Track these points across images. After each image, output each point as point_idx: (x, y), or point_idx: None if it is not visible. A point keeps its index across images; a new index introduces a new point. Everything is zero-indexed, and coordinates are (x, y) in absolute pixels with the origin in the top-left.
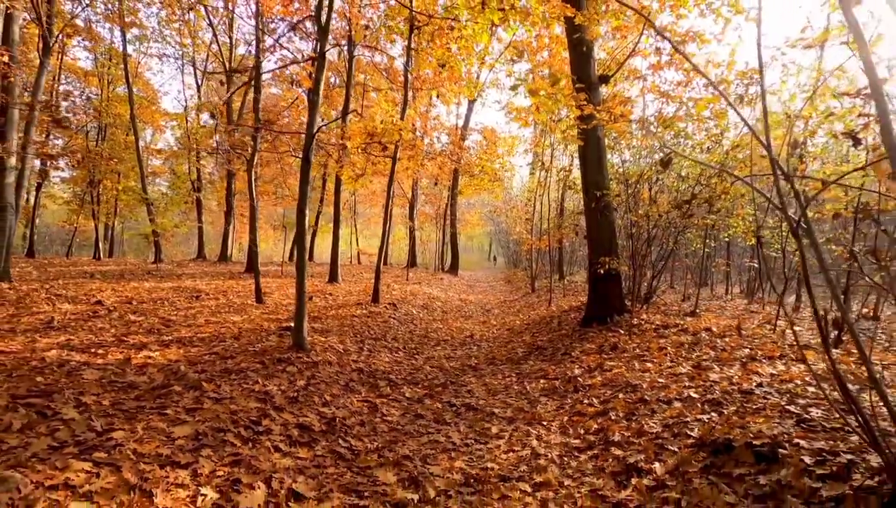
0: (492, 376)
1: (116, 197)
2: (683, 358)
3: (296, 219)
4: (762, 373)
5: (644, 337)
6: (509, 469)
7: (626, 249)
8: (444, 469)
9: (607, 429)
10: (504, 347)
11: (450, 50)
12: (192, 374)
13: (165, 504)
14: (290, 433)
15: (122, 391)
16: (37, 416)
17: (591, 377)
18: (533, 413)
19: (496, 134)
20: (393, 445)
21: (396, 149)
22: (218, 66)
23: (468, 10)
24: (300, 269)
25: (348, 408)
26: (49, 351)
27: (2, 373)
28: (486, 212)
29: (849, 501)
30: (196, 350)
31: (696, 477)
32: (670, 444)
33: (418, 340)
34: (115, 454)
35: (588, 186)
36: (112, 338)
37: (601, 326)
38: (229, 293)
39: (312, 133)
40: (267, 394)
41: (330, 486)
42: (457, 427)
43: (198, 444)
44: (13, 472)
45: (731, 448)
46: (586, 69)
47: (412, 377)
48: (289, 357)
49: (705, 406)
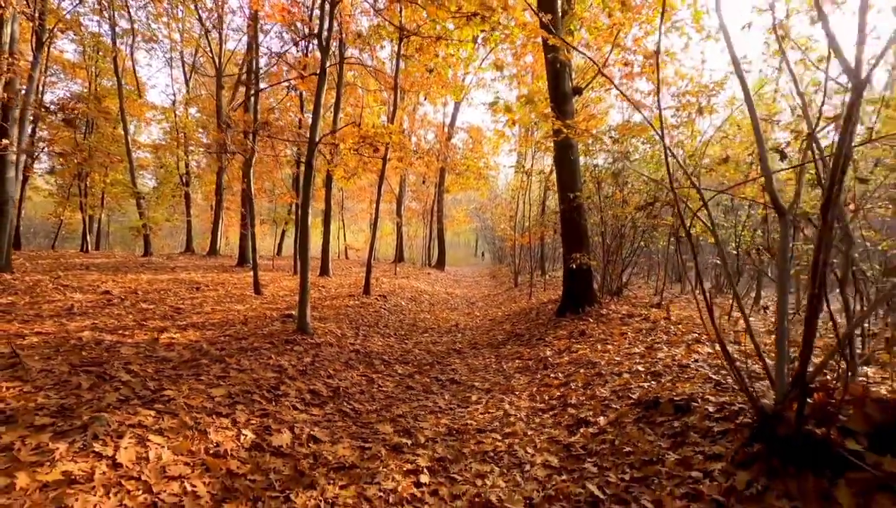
0: (473, 358)
1: (104, 189)
2: (640, 342)
3: (300, 218)
4: (700, 352)
5: (610, 324)
6: (485, 425)
7: (599, 246)
8: (432, 425)
9: (567, 395)
10: (486, 334)
11: (437, 55)
12: (215, 351)
13: (217, 439)
14: (304, 396)
15: (159, 363)
16: (97, 379)
17: (560, 357)
18: (507, 385)
19: (482, 133)
20: (389, 408)
21: (387, 149)
22: (207, 62)
23: (453, 20)
24: (303, 262)
25: (349, 380)
26: (82, 332)
27: (50, 348)
28: (472, 208)
29: (730, 433)
30: (211, 333)
31: (630, 425)
32: (614, 404)
33: (407, 328)
34: (171, 405)
35: (563, 188)
36: (133, 323)
37: (573, 316)
38: (227, 285)
39: (315, 141)
40: (280, 367)
41: (340, 434)
42: (442, 395)
43: (232, 401)
44: (101, 414)
45: (658, 403)
46: (561, 83)
47: (403, 357)
48: (295, 338)
49: (648, 376)
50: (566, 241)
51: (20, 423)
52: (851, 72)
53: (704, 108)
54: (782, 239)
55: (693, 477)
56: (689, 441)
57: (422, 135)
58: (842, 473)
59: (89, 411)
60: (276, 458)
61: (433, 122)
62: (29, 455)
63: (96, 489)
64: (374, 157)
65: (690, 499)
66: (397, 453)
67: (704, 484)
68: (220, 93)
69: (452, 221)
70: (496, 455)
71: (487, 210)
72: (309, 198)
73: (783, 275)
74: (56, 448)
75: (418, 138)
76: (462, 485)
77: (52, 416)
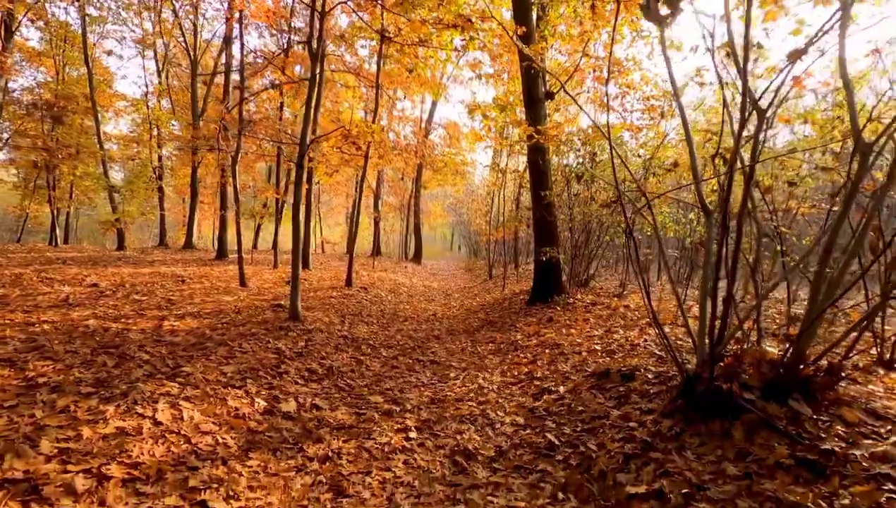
0: (451, 342)
1: (72, 182)
2: (600, 326)
3: (293, 216)
4: (650, 334)
5: (575, 312)
6: (462, 395)
7: (568, 241)
8: (416, 396)
9: (533, 371)
10: (462, 322)
11: (417, 56)
12: (217, 336)
13: (235, 405)
14: (303, 374)
15: (169, 346)
16: (120, 359)
17: (529, 341)
18: (482, 364)
19: (459, 129)
20: (378, 383)
21: (368, 147)
22: (180, 53)
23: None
24: (295, 256)
25: (340, 361)
26: (87, 321)
27: (63, 335)
28: (448, 203)
29: (663, 393)
30: (209, 321)
31: (584, 391)
32: (573, 376)
33: (389, 317)
34: (190, 379)
35: (535, 187)
36: (132, 312)
37: (543, 305)
38: (210, 278)
39: (306, 143)
40: (279, 350)
41: (337, 403)
42: (424, 373)
43: (242, 377)
44: (137, 383)
45: (609, 374)
46: (534, 89)
47: (387, 342)
48: (288, 325)
49: (603, 354)
50: (537, 237)
51: (68, 392)
52: (756, 103)
53: (666, 113)
54: (707, 234)
55: (630, 426)
56: (630, 401)
57: (400, 130)
58: (739, 416)
59: (123, 383)
60: (286, 420)
61: (411, 118)
62: (85, 415)
63: (146, 439)
64: (357, 155)
65: (626, 441)
66: (388, 417)
67: (638, 431)
68: (195, 85)
69: (429, 216)
70: (472, 418)
71: (464, 205)
72: (300, 195)
73: (706, 266)
74: (106, 410)
75: (397, 134)
76: (444, 439)
77: (93, 387)
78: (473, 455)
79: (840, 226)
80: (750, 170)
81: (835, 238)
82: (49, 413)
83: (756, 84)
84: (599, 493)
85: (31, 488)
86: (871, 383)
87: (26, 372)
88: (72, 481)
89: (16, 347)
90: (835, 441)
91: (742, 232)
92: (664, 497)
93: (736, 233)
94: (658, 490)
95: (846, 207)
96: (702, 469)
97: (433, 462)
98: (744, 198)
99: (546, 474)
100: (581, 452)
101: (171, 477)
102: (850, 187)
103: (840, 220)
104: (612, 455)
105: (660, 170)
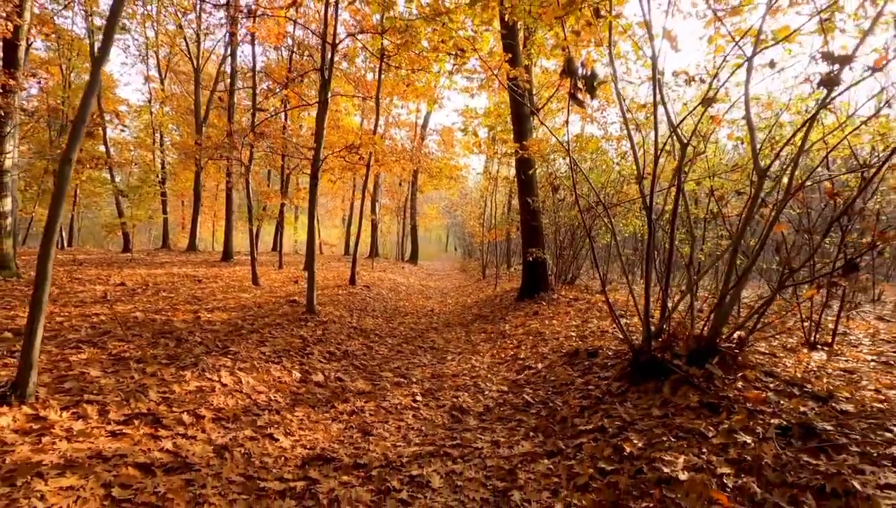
0: (448, 333)
1: (77, 185)
2: (578, 317)
3: (308, 222)
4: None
5: (558, 306)
6: (457, 372)
7: (553, 242)
8: (420, 372)
9: (518, 353)
10: (457, 316)
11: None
12: (248, 325)
13: (278, 374)
14: (325, 355)
15: (212, 332)
16: (177, 341)
17: (516, 330)
18: (474, 349)
19: (453, 134)
20: (387, 363)
21: (370, 156)
22: (182, 61)
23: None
24: (310, 255)
25: (354, 346)
26: (133, 313)
27: (117, 324)
28: (443, 206)
29: (618, 365)
30: (236, 314)
31: (557, 367)
32: (550, 356)
33: (391, 312)
34: (238, 356)
35: (522, 195)
36: (166, 307)
37: (530, 300)
38: (223, 278)
39: (319, 158)
40: (302, 337)
41: (356, 376)
42: (425, 356)
43: (278, 356)
44: (201, 357)
45: (578, 353)
46: (521, 107)
47: (391, 333)
48: (306, 317)
49: (577, 339)
50: (525, 239)
51: (151, 362)
52: (681, 140)
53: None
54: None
55: (589, 389)
56: (592, 371)
57: (396, 136)
58: (668, 377)
59: (189, 357)
60: (318, 387)
61: (406, 123)
62: (170, 377)
63: (219, 395)
64: (359, 164)
65: (584, 398)
66: (398, 386)
67: (594, 391)
68: (198, 94)
69: (425, 218)
70: (466, 387)
71: (458, 208)
72: (315, 205)
73: (648, 263)
74: (184, 375)
75: (393, 141)
76: (443, 401)
77: (168, 360)
78: (467, 411)
79: (744, 231)
80: (677, 188)
81: (739, 240)
82: (144, 376)
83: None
84: (560, 432)
85: (154, 419)
86: (788, 358)
87: (110, 350)
88: (180, 416)
89: (88, 333)
90: (733, 392)
91: (675, 237)
92: (605, 430)
93: (669, 236)
94: (601, 426)
95: (749, 215)
96: (635, 412)
97: (435, 415)
98: (674, 209)
99: (522, 422)
100: (550, 407)
101: (244, 419)
102: (750, 201)
103: (744, 226)
104: (572, 408)
105: (632, 179)
